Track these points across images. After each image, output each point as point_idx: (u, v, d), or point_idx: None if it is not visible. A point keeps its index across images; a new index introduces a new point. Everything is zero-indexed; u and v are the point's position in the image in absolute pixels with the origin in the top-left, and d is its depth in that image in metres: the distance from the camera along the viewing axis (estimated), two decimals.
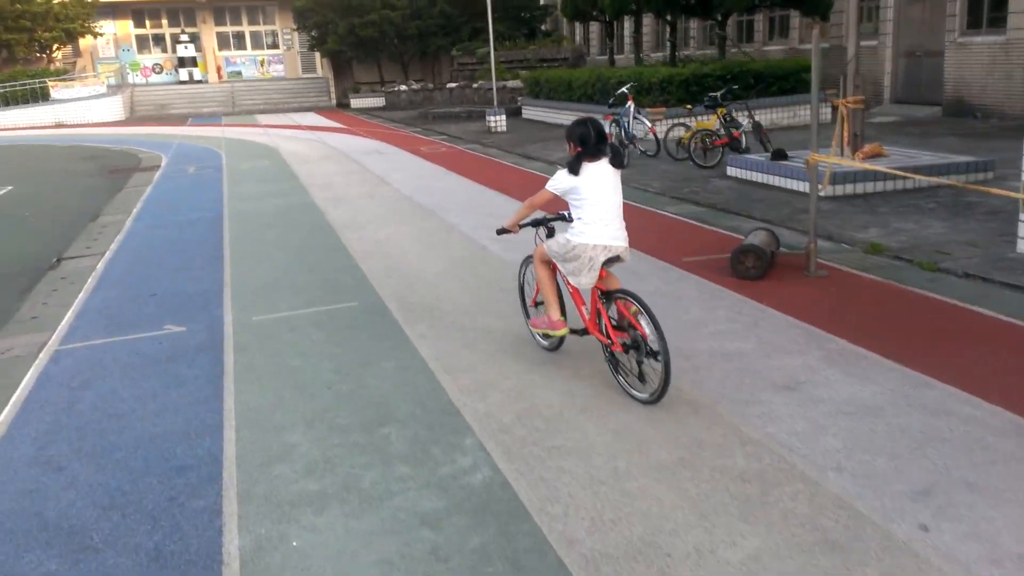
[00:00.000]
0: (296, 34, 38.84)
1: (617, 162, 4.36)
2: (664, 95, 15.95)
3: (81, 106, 30.80)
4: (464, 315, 5.92)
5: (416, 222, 9.45)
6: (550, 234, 4.80)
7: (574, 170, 4.28)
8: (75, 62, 36.49)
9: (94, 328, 6.15)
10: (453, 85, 31.47)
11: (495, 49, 33.55)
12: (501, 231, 4.85)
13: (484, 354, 5.13)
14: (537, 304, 5.05)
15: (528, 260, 5.07)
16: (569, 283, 4.52)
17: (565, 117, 20.08)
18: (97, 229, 10.12)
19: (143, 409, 4.61)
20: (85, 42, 36.61)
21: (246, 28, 39.33)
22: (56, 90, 30.90)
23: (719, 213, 9.01)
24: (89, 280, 7.59)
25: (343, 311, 6.21)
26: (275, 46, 39.58)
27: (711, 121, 12.41)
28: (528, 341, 5.25)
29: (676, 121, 13.91)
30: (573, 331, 4.71)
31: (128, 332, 5.99)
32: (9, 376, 5.28)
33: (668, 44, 20.15)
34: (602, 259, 4.30)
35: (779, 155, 10.27)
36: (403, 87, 32.55)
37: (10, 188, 14.21)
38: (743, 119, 12.25)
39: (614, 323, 4.33)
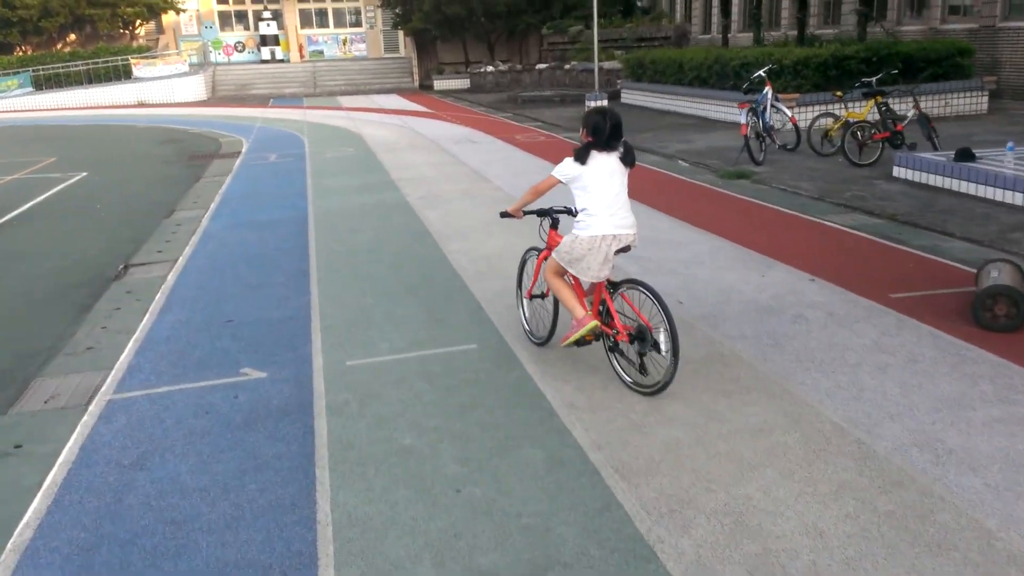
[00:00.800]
0: (379, 12, 37.88)
1: (628, 160, 4.29)
2: (797, 79, 14.12)
3: (163, 85, 30.51)
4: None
5: (529, 231, 8.08)
6: (554, 224, 4.73)
7: (581, 159, 4.22)
8: (157, 39, 36.39)
9: (158, 368, 4.99)
10: (543, 66, 29.95)
11: (587, 27, 31.97)
12: (504, 215, 4.78)
13: (664, 443, 3.72)
14: (532, 297, 5.05)
15: (527, 254, 5.12)
16: (575, 278, 4.42)
17: (675, 103, 18.40)
18: (171, 228, 9.10)
19: (210, 513, 3.37)
20: (168, 18, 36.45)
21: (329, 5, 38.57)
22: (138, 68, 30.68)
23: (903, 227, 7.34)
24: (157, 296, 6.48)
25: (458, 356, 4.90)
26: (357, 24, 38.72)
27: (863, 111, 10.63)
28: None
29: (822, 110, 12.08)
30: (582, 343, 4.41)
31: (198, 376, 4.81)
32: (49, 440, 4.15)
33: (797, 21, 18.16)
34: (614, 248, 4.22)
35: (965, 155, 8.49)
36: (489, 68, 31.18)
37: (84, 175, 13.44)
38: (905, 109, 10.42)
39: (621, 314, 4.27)
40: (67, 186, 12.56)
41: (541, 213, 4.74)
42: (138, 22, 33.47)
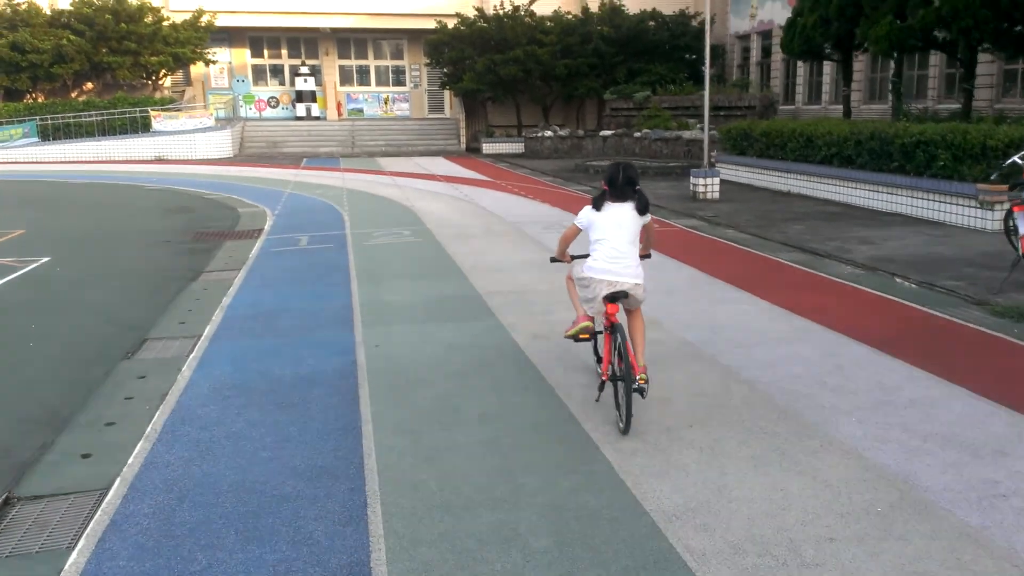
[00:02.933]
0: (425, 70, 35.01)
1: (641, 208, 4.62)
2: (993, 167, 10.51)
3: (185, 140, 27.45)
4: None
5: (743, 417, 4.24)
6: None
7: (597, 206, 4.61)
8: (183, 91, 33.64)
9: None
10: (607, 133, 26.58)
11: (655, 93, 28.76)
12: (555, 260, 5.08)
13: None
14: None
15: None
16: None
17: (801, 185, 14.71)
18: (118, 396, 5.27)
19: None
20: (196, 70, 33.73)
21: (371, 62, 35.79)
22: (158, 120, 27.68)
23: None
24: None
25: None
26: (401, 83, 35.87)
27: None
28: None
29: None
30: (580, 339, 4.84)
31: None
32: None
33: (964, 92, 14.49)
34: (605, 292, 4.51)
35: None
36: (547, 133, 27.85)
37: (46, 260, 9.82)
38: None
39: (615, 354, 4.51)
40: (12, 279, 8.92)
41: (585, 256, 4.77)
42: (162, 72, 30.67)
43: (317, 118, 33.95)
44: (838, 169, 13.68)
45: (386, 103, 35.72)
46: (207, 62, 31.45)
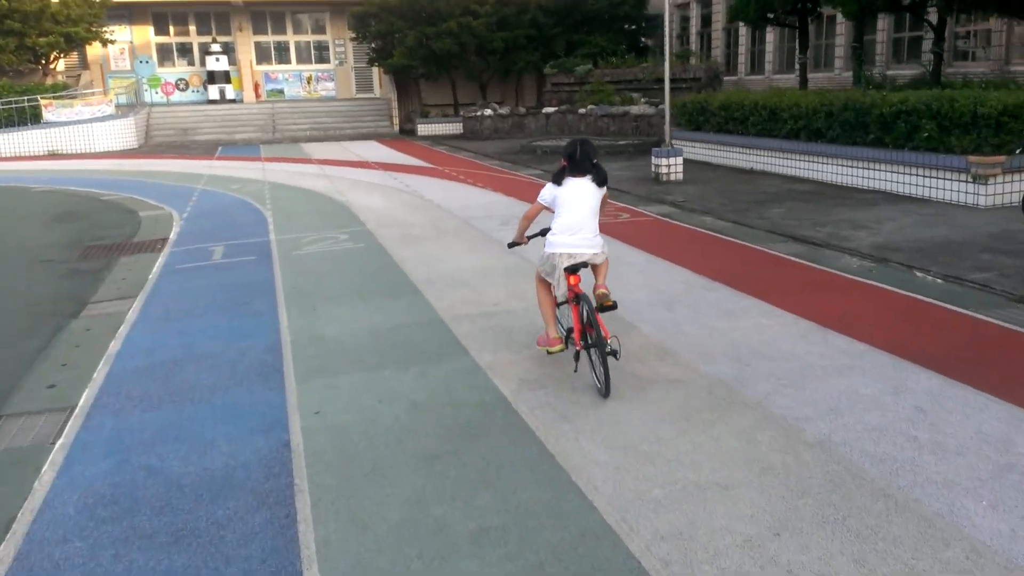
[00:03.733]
0: (351, 46, 32.75)
1: (600, 180, 4.74)
2: (998, 134, 9.50)
3: (81, 131, 24.73)
4: None
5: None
6: None
7: (558, 181, 4.73)
8: (79, 76, 30.59)
9: None
10: (550, 110, 25.06)
11: (596, 66, 27.25)
12: (512, 244, 5.20)
13: None
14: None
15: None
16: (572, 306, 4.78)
17: (766, 162, 13.62)
18: None
19: None
20: (93, 51, 30.69)
21: (291, 38, 33.28)
22: (50, 110, 24.84)
23: None
24: None
25: None
26: (324, 61, 33.49)
27: None
28: None
29: None
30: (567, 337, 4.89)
31: None
32: None
33: (932, 55, 13.49)
34: (566, 264, 4.62)
35: None
36: (487, 111, 26.15)
37: None
38: None
39: (582, 323, 4.64)
40: None
41: (543, 233, 4.89)
42: (53, 55, 27.64)
43: (232, 101, 31.41)
44: (806, 144, 12.56)
45: (309, 83, 33.36)
46: (104, 42, 28.57)
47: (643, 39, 28.86)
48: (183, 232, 10.49)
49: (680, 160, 12.91)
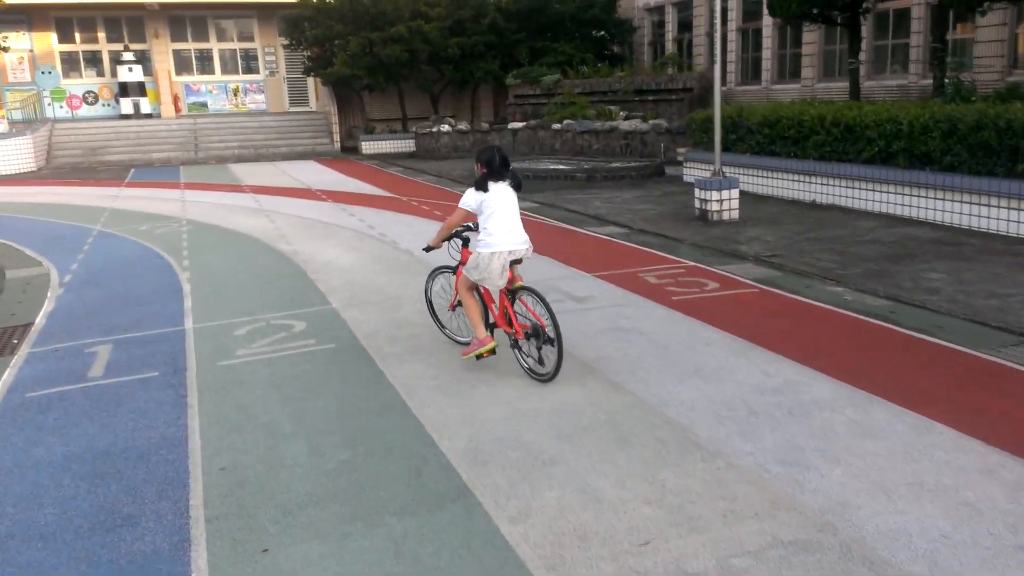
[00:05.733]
0: (283, 53, 29.27)
1: (515, 184, 5.11)
2: None
3: None
4: None
5: None
6: (465, 244, 5.42)
7: (482, 187, 4.98)
8: None
9: None
10: (517, 126, 22.16)
11: (566, 75, 24.45)
12: (427, 248, 5.52)
13: None
14: (455, 307, 5.65)
15: (434, 273, 5.96)
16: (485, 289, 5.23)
17: (836, 193, 10.92)
18: None
19: None
20: None
21: (214, 45, 29.53)
22: None
23: None
24: None
25: None
26: (253, 71, 29.87)
27: None
28: None
29: None
30: (488, 326, 5.16)
31: None
32: None
33: None
34: (509, 260, 4.98)
35: None
36: (444, 127, 23.10)
37: None
38: None
39: (518, 315, 5.03)
40: None
41: (450, 237, 5.43)
42: None
43: (148, 116, 27.59)
44: (910, 172, 9.76)
45: (236, 95, 29.71)
46: None
47: (613, 47, 26.29)
48: (58, 311, 7.20)
49: (736, 193, 10.12)
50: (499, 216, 4.92)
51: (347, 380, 5.17)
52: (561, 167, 16.55)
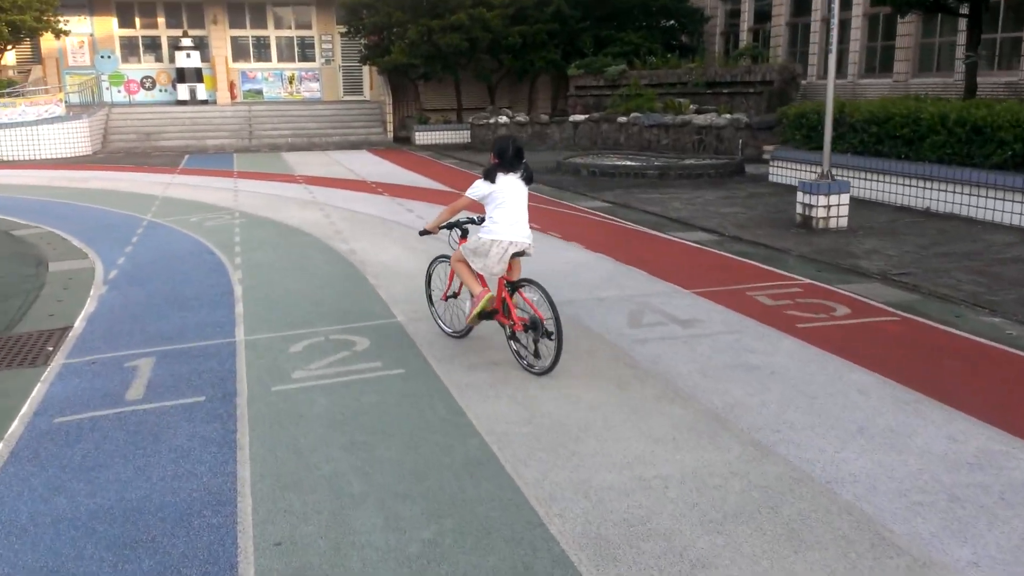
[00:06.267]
0: (339, 42, 28.74)
1: (527, 177, 5.09)
2: None
3: (24, 134, 20.60)
4: None
5: None
6: (463, 235, 5.38)
7: (491, 178, 4.96)
8: (29, 70, 26.33)
9: None
10: (579, 118, 21.22)
11: (632, 66, 23.29)
12: (423, 232, 5.45)
13: None
14: (448, 298, 5.66)
15: (437, 259, 5.84)
16: (480, 274, 5.12)
17: (959, 202, 9.73)
18: None
19: None
20: (49, 44, 26.45)
21: (272, 33, 29.15)
22: None
23: None
24: None
25: None
26: (309, 59, 29.40)
27: None
28: None
29: None
30: (484, 316, 5.12)
31: None
32: None
33: None
34: (511, 252, 4.96)
35: None
36: (502, 119, 22.26)
37: None
38: None
39: (517, 308, 4.94)
40: None
41: (451, 226, 5.37)
42: None
43: (204, 102, 27.27)
44: None
45: (291, 83, 29.27)
46: (58, 33, 24.33)
47: (682, 37, 25.10)
48: (99, 313, 6.53)
49: (846, 199, 9.03)
50: (506, 208, 4.92)
51: (422, 420, 4.34)
52: (629, 163, 15.55)
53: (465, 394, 4.66)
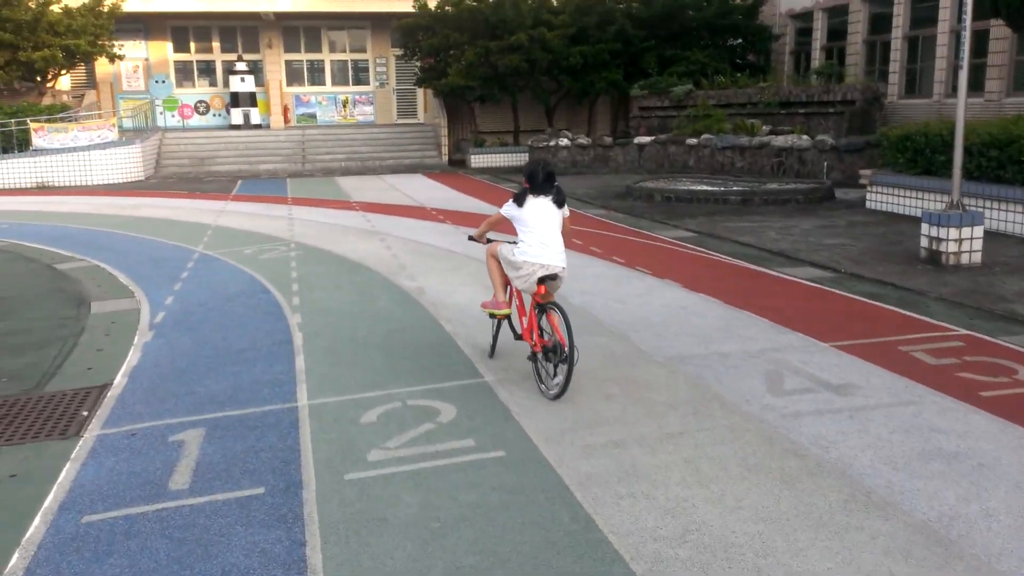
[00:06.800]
0: (394, 65, 28.30)
1: (559, 200, 5.03)
2: None
3: (77, 159, 20.37)
4: None
5: None
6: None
7: (519, 202, 5.01)
8: (83, 95, 26.38)
9: None
10: (644, 140, 20.23)
11: (698, 86, 22.23)
12: (472, 239, 5.58)
13: None
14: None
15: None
16: (516, 290, 5.29)
17: None
18: None
19: None
20: (103, 68, 26.49)
21: (326, 56, 28.85)
22: (40, 135, 20.50)
23: None
24: None
25: None
26: (363, 82, 29.01)
27: None
28: None
29: None
30: (515, 335, 5.26)
31: None
32: None
33: None
34: (539, 275, 4.89)
35: None
36: (563, 141, 21.40)
37: None
38: None
39: (543, 331, 4.94)
40: None
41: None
42: (50, 72, 23.43)
43: (257, 126, 26.99)
44: None
45: (345, 107, 28.88)
46: (112, 57, 24.26)
47: (748, 56, 24.00)
48: (142, 367, 5.72)
49: (980, 231, 7.91)
50: (533, 232, 4.94)
51: (541, 533, 3.35)
52: (706, 188, 14.48)
53: (589, 492, 3.68)
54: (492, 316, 5.39)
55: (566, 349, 4.63)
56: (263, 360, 5.83)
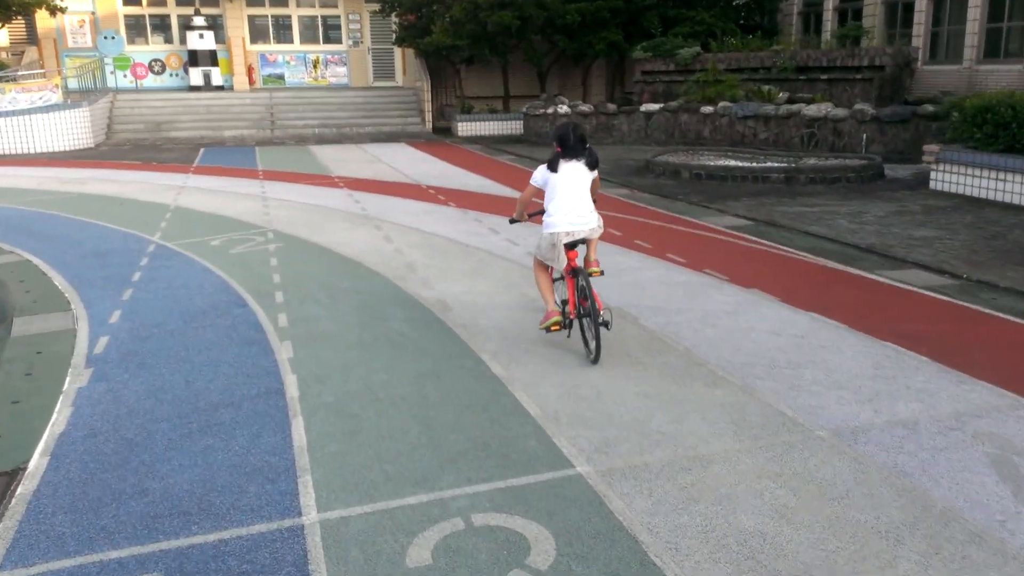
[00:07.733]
0: (368, 22, 26.02)
1: (592, 163, 4.92)
2: None
3: (15, 125, 18.08)
4: None
5: None
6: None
7: (552, 167, 4.89)
8: (23, 52, 23.78)
9: None
10: (652, 108, 18.47)
11: (707, 49, 20.37)
12: (513, 221, 5.40)
13: None
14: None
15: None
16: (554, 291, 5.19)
17: None
18: None
19: None
20: (45, 22, 23.87)
21: (293, 11, 26.40)
22: None
23: None
24: None
25: None
26: (334, 40, 26.70)
27: None
28: None
29: None
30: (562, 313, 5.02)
31: None
32: None
33: None
34: (565, 242, 4.83)
35: None
36: (561, 108, 19.55)
37: None
38: None
39: (578, 294, 4.89)
40: None
41: (541, 212, 5.12)
42: None
43: (219, 88, 24.64)
44: None
45: (315, 67, 26.58)
46: (53, 9, 21.73)
47: (755, 16, 22.29)
48: (71, 440, 3.86)
49: None
50: (560, 196, 4.83)
51: None
52: (737, 163, 12.85)
53: None
54: (548, 330, 5.03)
55: (603, 314, 4.67)
56: (245, 424, 4.11)
